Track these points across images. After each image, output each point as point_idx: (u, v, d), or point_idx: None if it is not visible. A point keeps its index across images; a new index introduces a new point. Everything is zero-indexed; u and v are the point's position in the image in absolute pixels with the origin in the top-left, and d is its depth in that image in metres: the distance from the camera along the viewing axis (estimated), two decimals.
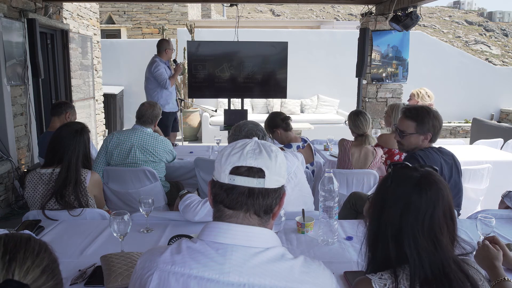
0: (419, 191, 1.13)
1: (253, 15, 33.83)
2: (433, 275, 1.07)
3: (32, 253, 0.78)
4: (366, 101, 5.75)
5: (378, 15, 5.54)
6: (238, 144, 1.03)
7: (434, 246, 1.10)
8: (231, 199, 0.99)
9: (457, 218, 2.18)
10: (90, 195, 2.25)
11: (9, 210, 4.27)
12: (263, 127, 2.32)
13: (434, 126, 2.32)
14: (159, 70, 5.15)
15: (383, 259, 1.15)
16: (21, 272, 0.74)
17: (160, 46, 5.32)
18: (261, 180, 0.98)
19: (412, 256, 1.09)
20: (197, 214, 1.96)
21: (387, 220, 1.15)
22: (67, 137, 2.22)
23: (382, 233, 1.15)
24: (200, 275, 0.93)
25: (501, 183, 3.48)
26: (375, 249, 1.18)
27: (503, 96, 9.67)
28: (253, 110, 8.89)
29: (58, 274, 0.81)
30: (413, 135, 2.33)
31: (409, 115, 2.35)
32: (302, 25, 12.53)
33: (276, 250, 0.98)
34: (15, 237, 0.80)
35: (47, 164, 2.23)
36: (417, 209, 1.12)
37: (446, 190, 1.15)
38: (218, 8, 22.18)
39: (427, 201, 1.12)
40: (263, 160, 0.99)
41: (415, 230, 1.11)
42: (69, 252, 1.72)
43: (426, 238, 1.10)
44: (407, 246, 1.10)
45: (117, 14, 12.15)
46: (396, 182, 1.17)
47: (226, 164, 0.99)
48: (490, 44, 31.34)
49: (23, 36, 4.48)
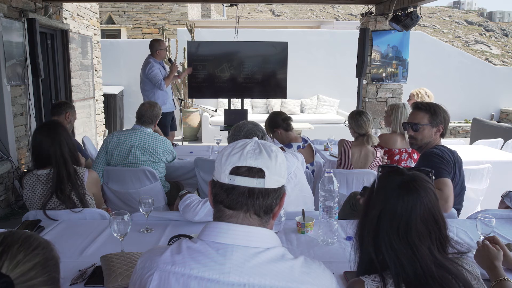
0: (397, 195, 1.12)
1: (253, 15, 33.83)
2: (416, 277, 1.07)
3: (27, 249, 0.80)
4: (366, 101, 5.75)
5: (378, 15, 5.54)
6: (238, 144, 1.03)
7: (412, 252, 1.09)
8: (231, 199, 0.99)
9: (457, 218, 2.20)
10: (89, 193, 2.26)
11: (9, 210, 4.27)
12: (262, 127, 2.31)
13: (445, 119, 2.38)
14: (154, 71, 5.09)
15: (368, 261, 1.15)
16: (11, 264, 0.76)
17: (151, 47, 5.26)
18: (261, 180, 0.98)
19: (392, 259, 1.09)
20: (197, 214, 1.96)
21: (366, 223, 1.16)
22: (44, 137, 2.21)
23: (365, 235, 1.16)
24: (200, 275, 0.92)
25: (501, 183, 3.48)
26: (360, 250, 1.19)
27: (503, 96, 9.67)
28: (253, 110, 8.89)
29: (52, 272, 0.82)
30: (427, 126, 2.35)
31: (421, 107, 2.40)
32: (302, 25, 12.54)
33: (276, 250, 0.98)
34: (17, 233, 0.83)
35: (42, 166, 2.23)
36: (393, 214, 1.12)
37: (427, 196, 1.13)
38: (218, 8, 22.18)
39: (403, 207, 1.11)
40: (263, 160, 0.99)
41: (390, 234, 1.10)
42: (69, 252, 1.72)
43: (402, 244, 1.09)
44: (384, 250, 1.10)
45: (117, 14, 12.15)
46: (379, 185, 1.18)
47: (226, 164, 0.99)
48: (490, 44, 31.34)
49: (23, 36, 4.48)
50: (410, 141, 2.47)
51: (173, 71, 5.31)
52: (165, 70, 5.38)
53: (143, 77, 5.21)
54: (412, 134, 2.41)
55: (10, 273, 0.75)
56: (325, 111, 8.96)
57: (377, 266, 1.12)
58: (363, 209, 1.21)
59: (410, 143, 2.48)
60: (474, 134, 6.63)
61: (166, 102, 5.28)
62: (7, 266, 0.75)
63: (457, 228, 1.98)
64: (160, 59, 5.27)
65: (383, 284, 1.09)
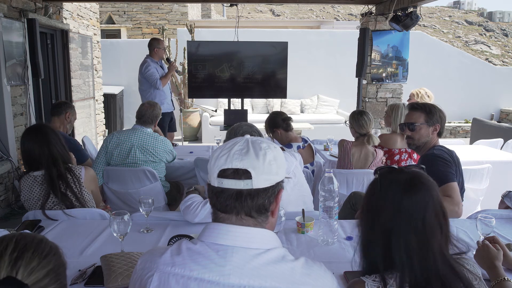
0: (408, 194, 1.11)
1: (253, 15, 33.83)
2: (423, 277, 1.06)
3: (40, 254, 0.79)
4: (366, 101, 5.75)
5: (378, 15, 5.54)
6: (228, 145, 1.02)
7: (426, 249, 1.09)
8: (221, 202, 0.99)
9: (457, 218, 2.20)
10: (87, 190, 2.26)
11: (9, 210, 4.27)
12: (258, 128, 2.30)
13: (441, 118, 2.37)
14: (150, 71, 5.07)
15: (377, 263, 1.15)
16: (26, 271, 0.75)
17: (150, 45, 5.25)
18: (248, 181, 0.97)
19: (402, 260, 1.08)
20: (197, 216, 1.96)
21: (378, 225, 1.14)
22: (30, 140, 2.21)
23: (375, 238, 1.15)
24: (200, 277, 0.92)
25: (501, 183, 3.48)
26: (368, 253, 1.17)
27: (503, 96, 9.67)
28: (253, 110, 8.89)
29: (62, 279, 0.82)
30: (423, 125, 2.35)
31: (417, 107, 2.40)
32: (302, 25, 12.54)
33: (277, 251, 0.97)
34: (29, 237, 0.82)
35: (35, 168, 2.22)
36: (409, 213, 1.10)
37: (435, 189, 1.14)
38: (218, 8, 22.17)
39: (418, 204, 1.11)
40: (249, 161, 0.97)
41: (407, 234, 1.09)
42: (69, 252, 1.71)
43: (418, 242, 1.09)
44: (396, 250, 1.09)
45: (117, 14, 12.15)
46: (384, 186, 1.16)
47: (215, 167, 1.00)
48: (490, 44, 31.34)
49: (23, 36, 4.48)
50: (407, 141, 2.44)
51: (171, 71, 5.30)
52: (163, 69, 5.34)
53: (140, 77, 5.20)
54: (409, 134, 2.39)
55: (26, 280, 0.74)
56: (325, 111, 8.96)
57: (380, 267, 1.12)
58: (368, 215, 1.18)
59: (408, 143, 2.45)
60: (474, 134, 6.63)
61: (164, 102, 5.23)
62: (22, 272, 0.74)
63: (457, 228, 1.98)
64: (158, 59, 5.25)
65: (383, 284, 1.09)
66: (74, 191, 2.18)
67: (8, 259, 0.75)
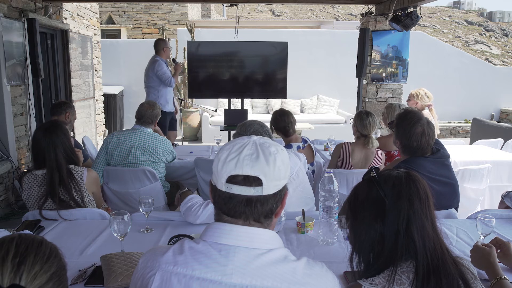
0: (414, 183, 1.17)
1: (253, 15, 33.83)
2: (432, 265, 1.10)
3: (42, 258, 0.77)
4: (366, 101, 5.75)
5: (378, 15, 5.53)
6: (235, 147, 0.99)
7: (435, 232, 1.15)
8: (229, 208, 0.98)
9: (457, 218, 2.20)
10: (88, 192, 2.26)
11: (9, 210, 4.27)
12: (269, 128, 2.30)
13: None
14: (163, 69, 5.18)
15: (378, 261, 1.15)
16: (29, 276, 0.73)
17: (158, 45, 5.33)
18: (259, 188, 0.96)
19: (420, 245, 1.11)
20: (199, 218, 1.96)
21: (392, 216, 1.14)
22: (41, 139, 2.21)
23: (386, 231, 1.14)
24: (202, 276, 0.92)
25: (501, 183, 3.48)
26: (370, 251, 1.17)
27: (503, 96, 9.67)
28: (253, 110, 8.89)
29: (64, 281, 0.81)
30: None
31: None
32: (302, 25, 12.53)
33: (279, 251, 0.97)
34: (28, 239, 0.80)
35: (40, 166, 2.23)
36: (420, 198, 1.16)
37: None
38: (218, 8, 22.17)
39: (423, 190, 1.17)
40: (260, 167, 0.96)
41: (423, 217, 1.15)
42: (69, 252, 1.71)
43: (429, 225, 1.15)
44: (415, 237, 1.12)
45: (117, 14, 12.14)
46: (394, 190, 1.16)
47: (223, 172, 0.97)
48: (490, 44, 31.34)
49: (23, 36, 4.48)
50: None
51: (177, 71, 5.38)
52: (169, 70, 5.44)
53: (150, 74, 5.26)
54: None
55: (30, 286, 0.73)
56: (325, 111, 8.96)
57: (386, 262, 1.13)
58: (372, 215, 1.17)
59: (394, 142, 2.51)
60: (474, 134, 6.62)
61: (169, 102, 5.33)
62: (25, 278, 0.73)
63: (457, 228, 1.98)
64: (165, 58, 5.36)
65: (381, 287, 1.09)
66: (75, 198, 2.17)
67: (10, 265, 0.73)
